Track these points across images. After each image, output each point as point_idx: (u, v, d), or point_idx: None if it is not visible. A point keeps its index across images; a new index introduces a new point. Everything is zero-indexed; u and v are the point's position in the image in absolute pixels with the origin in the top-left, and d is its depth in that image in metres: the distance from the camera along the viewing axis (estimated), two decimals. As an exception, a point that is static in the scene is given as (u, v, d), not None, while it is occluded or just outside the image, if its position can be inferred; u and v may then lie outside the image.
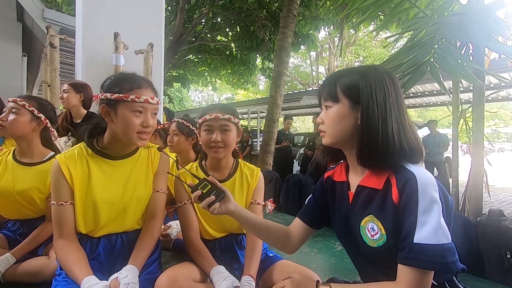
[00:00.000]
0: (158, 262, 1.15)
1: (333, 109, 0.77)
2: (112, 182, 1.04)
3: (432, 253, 0.63)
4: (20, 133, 1.34)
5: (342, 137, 0.77)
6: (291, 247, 0.94)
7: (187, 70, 10.40)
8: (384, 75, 0.74)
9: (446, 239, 0.64)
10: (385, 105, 0.72)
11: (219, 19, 8.38)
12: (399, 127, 0.72)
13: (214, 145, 1.14)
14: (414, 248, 0.64)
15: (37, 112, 1.38)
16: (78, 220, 1.00)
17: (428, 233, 0.63)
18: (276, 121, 4.82)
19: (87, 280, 0.87)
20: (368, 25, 4.83)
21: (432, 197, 0.66)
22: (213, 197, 0.85)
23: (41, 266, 1.22)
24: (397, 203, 0.69)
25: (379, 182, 0.73)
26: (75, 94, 2.21)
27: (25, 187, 1.32)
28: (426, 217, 0.64)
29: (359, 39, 16.60)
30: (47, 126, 1.43)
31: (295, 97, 8.59)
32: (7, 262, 1.21)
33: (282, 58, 4.86)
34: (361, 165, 0.77)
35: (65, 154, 1.02)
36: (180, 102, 19.74)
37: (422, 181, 0.67)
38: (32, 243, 1.30)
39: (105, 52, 2.76)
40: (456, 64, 1.41)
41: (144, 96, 0.98)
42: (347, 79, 0.76)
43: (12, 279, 1.21)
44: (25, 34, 5.04)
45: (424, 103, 8.86)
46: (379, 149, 0.71)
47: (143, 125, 0.99)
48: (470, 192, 2.07)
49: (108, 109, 0.99)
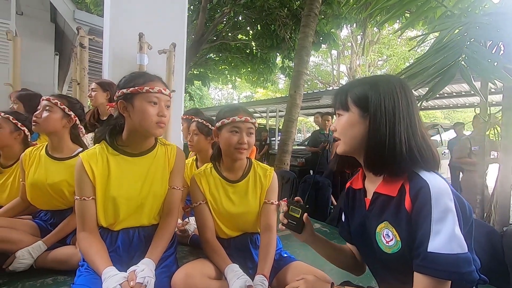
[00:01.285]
0: (174, 257, 1.20)
1: (344, 117, 0.81)
2: (130, 178, 1.10)
3: (446, 263, 0.63)
4: (52, 129, 1.44)
5: (353, 144, 0.80)
6: (360, 267, 0.97)
7: (208, 68, 10.55)
8: (395, 85, 0.76)
9: (461, 249, 0.63)
10: (394, 114, 0.74)
11: (240, 18, 8.42)
12: (409, 135, 0.73)
13: (240, 146, 1.16)
14: (428, 256, 0.65)
15: (68, 110, 1.47)
16: (99, 214, 1.06)
17: (442, 242, 0.63)
18: (294, 120, 4.79)
19: (108, 271, 0.92)
20: (393, 23, 4.68)
21: (446, 206, 0.66)
22: (286, 221, 0.91)
23: (69, 255, 1.31)
24: (410, 211, 0.69)
25: (394, 189, 0.74)
26: (102, 92, 2.32)
27: (55, 180, 1.42)
28: (440, 226, 0.64)
29: (383, 37, 16.06)
30: (76, 123, 1.52)
31: (314, 96, 8.49)
32: (39, 249, 1.31)
33: (302, 58, 4.82)
34: (369, 171, 0.79)
35: (88, 152, 1.08)
36: (200, 99, 20.07)
37: (436, 189, 0.67)
38: (61, 233, 1.39)
39: (130, 52, 2.87)
40: (488, 65, 1.34)
41: (157, 87, 1.06)
42: (358, 89, 0.79)
43: (42, 265, 1.30)
44: (57, 34, 5.33)
45: (452, 104, 8.45)
46: (386, 156, 0.73)
47: (159, 114, 1.06)
48: (496, 200, 1.96)
49: (126, 104, 1.06)
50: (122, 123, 1.11)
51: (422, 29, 4.25)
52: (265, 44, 8.11)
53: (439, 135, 6.40)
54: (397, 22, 4.97)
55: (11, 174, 1.68)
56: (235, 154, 1.18)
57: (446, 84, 1.47)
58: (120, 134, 1.12)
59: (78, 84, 2.95)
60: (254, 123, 1.21)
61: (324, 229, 2.24)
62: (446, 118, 19.52)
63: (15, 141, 1.65)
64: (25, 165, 1.47)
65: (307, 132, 23.49)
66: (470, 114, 17.28)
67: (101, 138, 1.12)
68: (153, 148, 1.16)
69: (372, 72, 17.27)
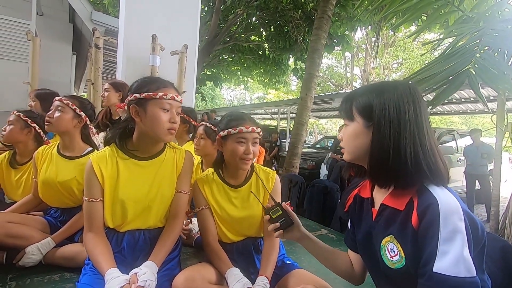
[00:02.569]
0: (178, 260, 1.20)
1: (349, 127, 0.79)
2: (139, 181, 1.11)
3: (451, 285, 0.60)
4: (63, 128, 1.48)
5: (358, 154, 0.78)
6: (357, 277, 0.94)
7: (220, 69, 10.63)
8: (402, 92, 0.72)
9: (468, 272, 0.60)
10: (399, 122, 0.70)
11: (254, 19, 8.44)
12: (416, 146, 0.69)
13: (247, 157, 1.16)
14: (433, 277, 0.62)
15: (79, 110, 1.51)
16: (107, 215, 1.08)
17: (448, 264, 0.61)
18: (305, 123, 4.75)
19: (110, 272, 0.94)
20: (408, 26, 4.58)
21: (455, 226, 0.62)
22: (278, 224, 0.90)
23: (76, 252, 1.34)
24: (417, 229, 0.66)
25: (402, 203, 0.71)
26: (115, 93, 2.37)
27: (65, 178, 1.46)
28: (447, 247, 0.61)
29: (398, 40, 15.75)
30: (86, 123, 1.56)
31: (326, 99, 8.40)
32: (48, 245, 1.35)
33: (314, 60, 4.78)
34: (372, 182, 0.77)
35: (98, 155, 1.10)
36: (213, 100, 20.23)
37: (445, 207, 0.64)
38: (69, 230, 1.42)
39: (143, 53, 2.93)
40: (498, 75, 1.29)
41: (170, 94, 1.06)
42: (363, 98, 0.76)
43: (51, 261, 1.34)
44: (75, 34, 5.49)
45: (469, 109, 8.19)
46: (390, 169, 0.69)
47: (171, 121, 1.07)
48: (511, 213, 1.88)
49: (138, 109, 1.07)
50: (133, 126, 1.13)
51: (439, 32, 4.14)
52: (277, 45, 8.10)
53: (455, 141, 6.21)
54: (413, 24, 4.86)
55: (25, 171, 1.74)
56: (241, 164, 1.17)
57: (453, 92, 1.42)
58: (130, 137, 1.14)
59: (92, 84, 3.03)
60: (260, 132, 1.21)
61: (331, 236, 2.21)
62: (464, 124, 18.94)
63: (26, 137, 1.71)
64: (38, 162, 1.52)
65: (318, 134, 23.30)
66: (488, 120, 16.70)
67: (111, 141, 1.14)
68: (162, 152, 1.17)
69: (386, 75, 16.97)
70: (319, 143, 9.38)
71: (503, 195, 2.47)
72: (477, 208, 5.34)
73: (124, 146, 1.12)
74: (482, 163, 4.97)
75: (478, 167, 4.99)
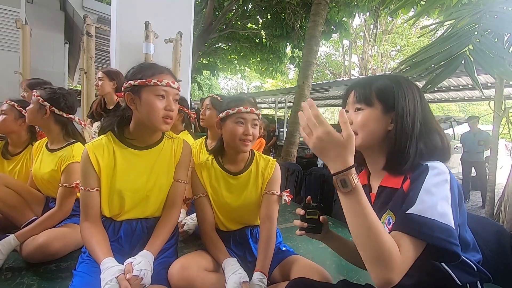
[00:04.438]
0: (175, 248, 1.20)
1: (365, 112, 0.78)
2: (136, 171, 1.09)
3: (420, 223, 0.62)
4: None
5: (371, 140, 0.78)
6: None
7: (217, 58, 10.47)
8: (413, 86, 0.78)
9: (442, 218, 0.62)
10: (415, 114, 0.75)
11: (250, 6, 8.27)
12: (422, 137, 0.75)
13: (246, 138, 1.15)
14: (405, 217, 0.64)
15: (42, 100, 1.42)
16: (104, 205, 1.07)
17: (423, 207, 0.63)
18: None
19: (106, 261, 0.93)
20: (407, 12, 4.49)
21: (439, 182, 0.66)
22: (306, 225, 0.89)
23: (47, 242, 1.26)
24: (406, 191, 0.70)
25: (398, 182, 0.75)
26: (109, 81, 2.32)
27: (46, 171, 1.46)
28: (427, 197, 0.64)
29: (397, 27, 15.54)
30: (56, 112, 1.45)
31: (324, 87, 8.33)
32: (9, 245, 1.24)
33: (311, 47, 4.71)
34: (388, 169, 0.78)
35: (94, 143, 1.07)
36: (210, 89, 20.02)
37: (433, 168, 0.68)
38: (37, 229, 1.32)
39: (137, 41, 2.86)
40: (495, 59, 1.26)
41: (165, 80, 1.03)
42: (383, 84, 0.78)
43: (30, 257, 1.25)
44: (67, 23, 5.36)
45: (467, 97, 8.17)
46: (406, 156, 0.73)
47: (167, 108, 1.04)
48: (507, 198, 1.89)
49: (133, 96, 1.04)
50: (130, 115, 1.10)
51: (437, 18, 4.07)
52: (274, 33, 7.97)
53: (452, 128, 6.22)
54: (412, 10, 4.76)
55: (18, 161, 1.73)
56: (240, 146, 1.16)
57: (447, 76, 1.39)
58: (127, 126, 1.11)
59: (85, 73, 2.97)
60: (259, 114, 1.20)
61: (329, 223, 2.22)
62: (461, 111, 18.96)
63: (20, 128, 1.69)
64: (34, 156, 1.55)
65: (316, 123, 23.22)
66: (486, 107, 16.72)
67: (108, 129, 1.11)
68: (159, 142, 1.15)
69: (384, 62, 16.84)
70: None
71: (499, 181, 2.49)
72: (473, 195, 5.41)
73: (122, 135, 1.10)
74: (479, 150, 5.00)
75: (474, 154, 5.03)
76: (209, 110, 1.83)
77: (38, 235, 1.28)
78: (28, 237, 1.28)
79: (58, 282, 1.18)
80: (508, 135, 2.13)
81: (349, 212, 0.64)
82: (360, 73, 16.90)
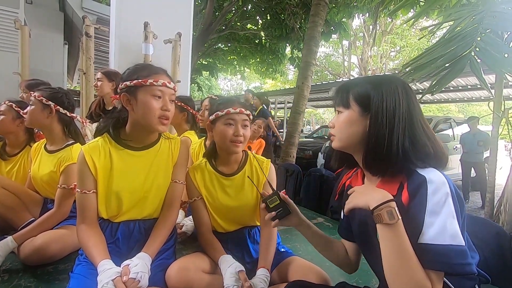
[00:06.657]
0: (172, 250, 1.19)
1: (344, 114, 0.80)
2: (133, 172, 1.08)
3: (436, 253, 0.63)
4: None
5: (350, 142, 0.79)
6: (352, 265, 0.97)
7: (216, 58, 10.47)
8: (397, 85, 0.76)
9: (453, 240, 0.63)
10: (394, 115, 0.73)
11: (249, 7, 8.27)
12: (405, 138, 0.73)
13: (236, 139, 1.14)
14: (418, 248, 0.65)
15: (45, 100, 1.42)
16: (101, 207, 1.06)
17: (433, 234, 0.64)
18: (301, 113, 4.71)
19: (103, 264, 0.92)
20: (406, 12, 4.49)
21: (442, 199, 0.65)
22: (274, 213, 0.91)
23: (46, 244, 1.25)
24: (406, 204, 0.69)
25: (393, 188, 0.73)
26: (108, 82, 2.32)
27: (45, 172, 1.45)
28: (433, 219, 0.64)
29: (396, 28, 15.54)
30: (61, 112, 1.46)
31: (324, 88, 8.34)
32: (7, 247, 1.24)
33: (310, 48, 4.70)
34: (366, 170, 0.79)
35: (90, 145, 1.07)
36: (209, 90, 20.01)
37: (433, 182, 0.67)
38: (35, 230, 1.31)
39: (136, 41, 2.85)
40: (501, 58, 1.26)
41: (161, 80, 1.03)
42: (360, 87, 0.79)
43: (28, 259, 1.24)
44: (66, 23, 5.35)
45: (466, 97, 8.19)
46: (382, 157, 0.73)
47: (163, 108, 1.03)
48: (507, 199, 1.89)
49: (129, 97, 1.03)
50: (126, 116, 1.09)
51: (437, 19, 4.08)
52: (274, 34, 7.97)
53: (451, 129, 6.21)
54: (411, 11, 4.76)
55: (16, 162, 1.72)
56: (231, 147, 1.15)
57: (454, 77, 1.39)
58: (124, 127, 1.11)
59: (84, 73, 2.96)
60: (249, 115, 1.19)
61: (327, 224, 2.22)
62: (460, 112, 18.97)
63: (18, 128, 1.69)
64: (32, 157, 1.55)
65: (316, 124, 23.27)
66: (485, 108, 16.70)
67: (103, 130, 1.10)
68: (156, 142, 1.15)
69: (384, 63, 16.84)
70: (316, 132, 9.36)
71: (498, 182, 2.49)
72: (472, 195, 5.40)
73: (118, 136, 1.09)
74: (478, 151, 5.00)
75: (474, 155, 5.02)
76: (207, 111, 1.81)
77: (36, 237, 1.27)
78: (26, 239, 1.27)
79: (55, 284, 1.17)
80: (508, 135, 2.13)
81: (389, 242, 0.67)
82: (359, 73, 16.91)
